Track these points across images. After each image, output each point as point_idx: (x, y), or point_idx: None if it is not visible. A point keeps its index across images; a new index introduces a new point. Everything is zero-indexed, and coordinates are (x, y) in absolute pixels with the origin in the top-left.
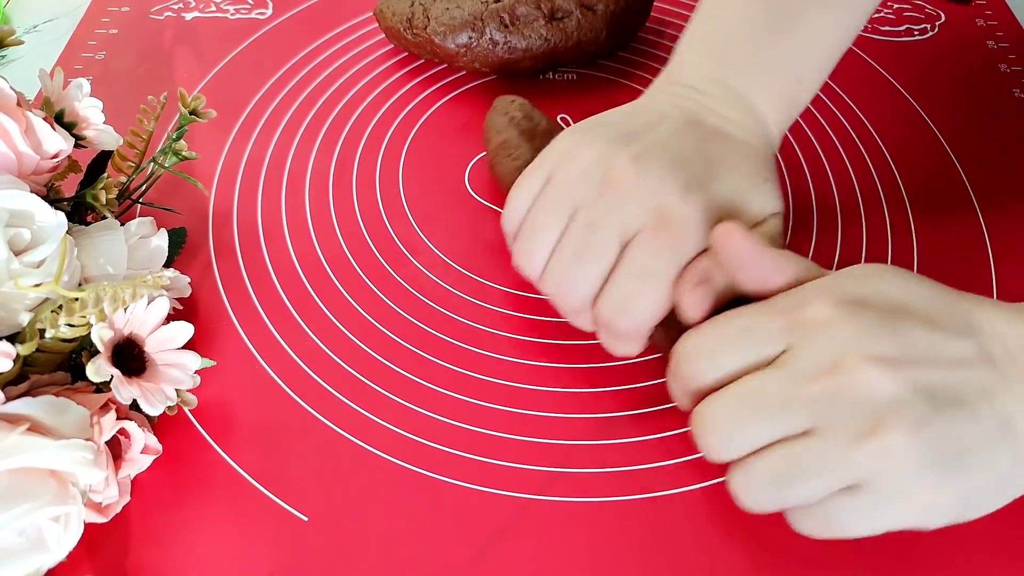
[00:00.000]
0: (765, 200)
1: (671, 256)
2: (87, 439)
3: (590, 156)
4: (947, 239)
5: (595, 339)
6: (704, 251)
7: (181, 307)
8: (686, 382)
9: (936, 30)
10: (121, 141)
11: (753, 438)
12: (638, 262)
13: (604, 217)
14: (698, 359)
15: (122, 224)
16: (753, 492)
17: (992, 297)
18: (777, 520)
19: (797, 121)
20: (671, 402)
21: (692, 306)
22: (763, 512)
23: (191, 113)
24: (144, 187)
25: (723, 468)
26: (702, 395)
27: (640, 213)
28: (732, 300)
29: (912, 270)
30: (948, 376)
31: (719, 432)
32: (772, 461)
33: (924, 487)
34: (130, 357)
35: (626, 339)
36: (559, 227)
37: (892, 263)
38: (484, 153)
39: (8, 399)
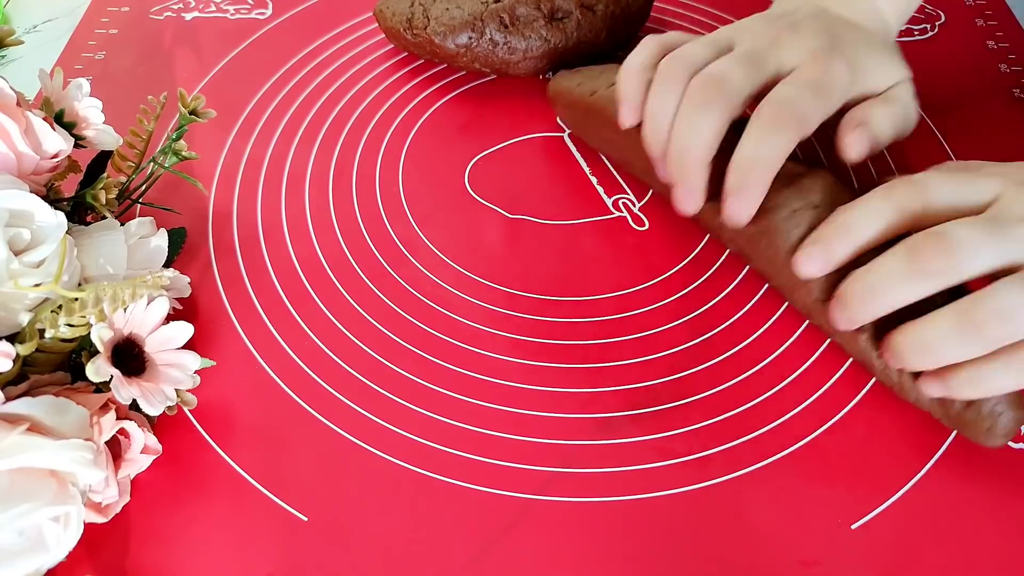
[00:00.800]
0: (897, 69)
1: (823, 88)
2: (87, 439)
3: (751, 26)
4: None
5: (595, 339)
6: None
7: (181, 307)
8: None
9: (936, 30)
10: (121, 141)
11: (986, 257)
12: (803, 74)
13: (766, 49)
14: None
15: (122, 224)
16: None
17: None
18: (777, 520)
19: None
20: (671, 402)
21: (852, 143)
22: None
23: (191, 113)
24: (144, 187)
25: (717, 469)
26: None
27: (798, 54)
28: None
29: None
30: None
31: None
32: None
33: None
34: (130, 357)
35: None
36: (707, 57)
37: None
38: (486, 151)
39: (8, 399)
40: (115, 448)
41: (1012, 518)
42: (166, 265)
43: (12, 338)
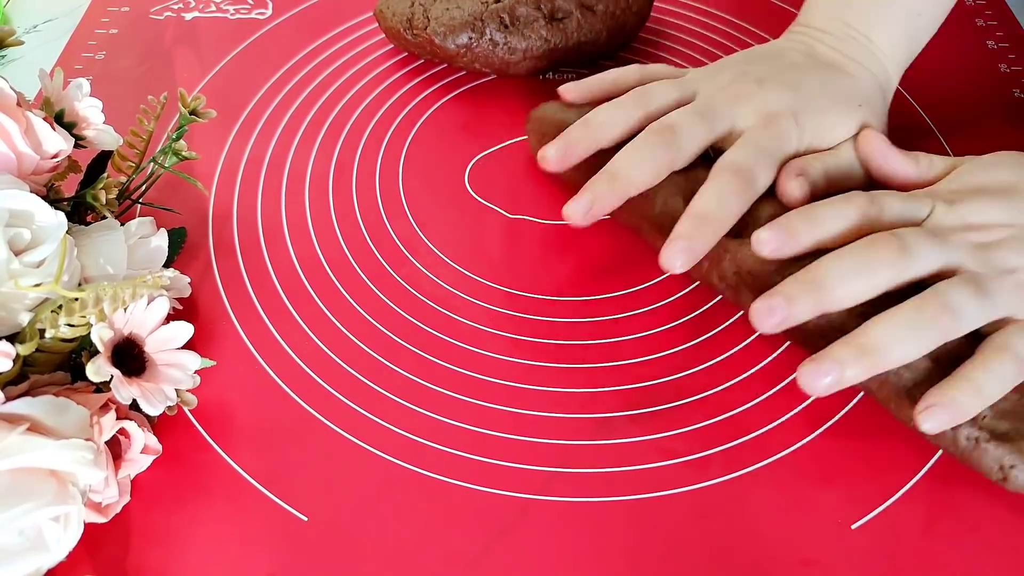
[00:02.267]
0: (857, 124)
1: (775, 142)
2: (87, 439)
3: (721, 75)
4: None
5: (594, 339)
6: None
7: (181, 307)
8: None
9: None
10: (121, 141)
11: (930, 258)
12: (753, 138)
13: (722, 106)
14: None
15: (122, 224)
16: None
17: None
18: (777, 520)
19: None
20: (671, 402)
21: (793, 188)
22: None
23: (191, 113)
24: (144, 187)
25: (717, 468)
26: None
27: (752, 115)
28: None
29: None
30: None
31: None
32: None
33: None
34: (130, 357)
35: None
36: (679, 101)
37: None
38: (486, 151)
39: (8, 399)
40: (115, 448)
41: (1012, 518)
42: (166, 265)
43: (12, 338)
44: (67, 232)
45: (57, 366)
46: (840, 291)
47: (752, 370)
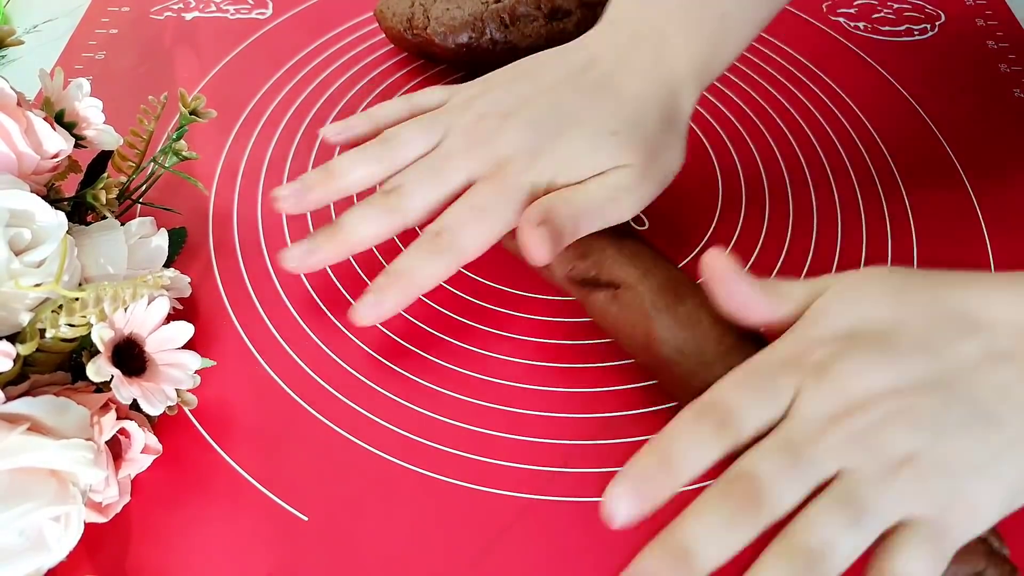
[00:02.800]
0: (609, 154)
1: (497, 195)
2: (87, 439)
3: (477, 107)
4: (947, 239)
5: (595, 339)
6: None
7: (181, 307)
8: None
9: (936, 30)
10: (121, 141)
11: (794, 489)
12: (474, 197)
13: (460, 154)
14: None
15: (122, 224)
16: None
17: None
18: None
19: (797, 120)
20: (671, 402)
21: (536, 244)
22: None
23: (191, 113)
24: (144, 187)
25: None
26: None
27: (487, 161)
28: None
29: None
30: (960, 389)
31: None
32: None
33: (966, 496)
34: (130, 357)
35: (433, 263)
36: (426, 145)
37: (891, 260)
38: None
39: (8, 399)
40: (115, 448)
41: (1012, 518)
42: (166, 265)
43: (12, 338)
44: (67, 232)
45: (57, 366)
46: (706, 560)
47: None
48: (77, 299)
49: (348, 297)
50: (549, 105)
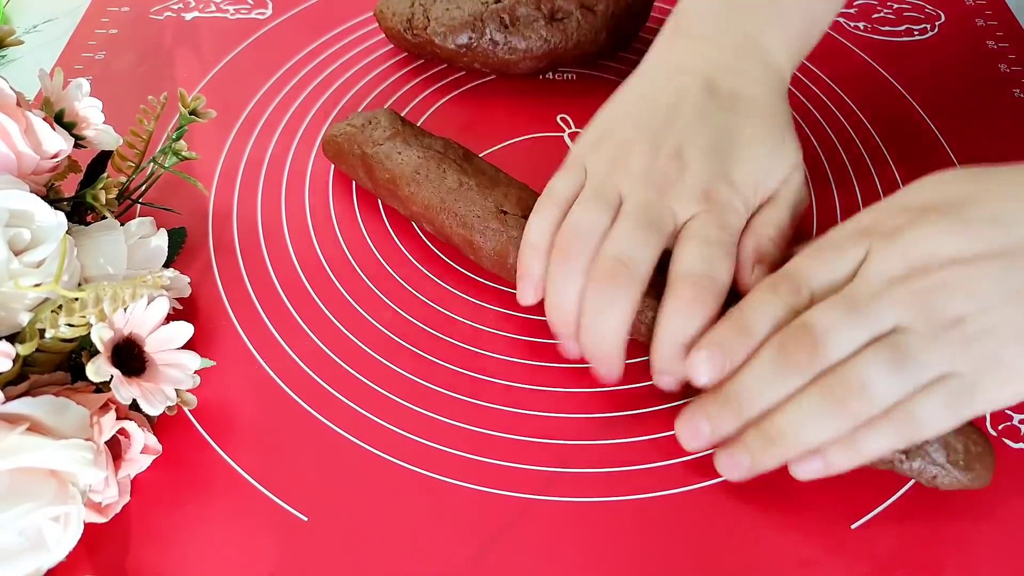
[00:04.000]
0: (785, 159)
1: (725, 229)
2: (87, 439)
3: (634, 163)
4: None
5: None
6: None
7: (181, 307)
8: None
9: (936, 30)
10: (121, 141)
11: (849, 338)
12: (703, 232)
13: (658, 203)
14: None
15: (122, 224)
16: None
17: None
18: (777, 520)
19: (796, 120)
20: (671, 402)
21: (756, 280)
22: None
23: (191, 113)
24: (144, 187)
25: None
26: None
27: (690, 202)
28: None
29: None
30: (1020, 262)
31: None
32: (875, 352)
33: (1002, 362)
34: (130, 357)
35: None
36: (604, 224)
37: None
38: (486, 151)
39: (8, 399)
40: (115, 448)
41: (1012, 517)
42: (166, 265)
43: (12, 338)
44: (67, 232)
45: (57, 366)
46: (759, 404)
47: None
48: (77, 299)
49: (348, 297)
50: (709, 132)
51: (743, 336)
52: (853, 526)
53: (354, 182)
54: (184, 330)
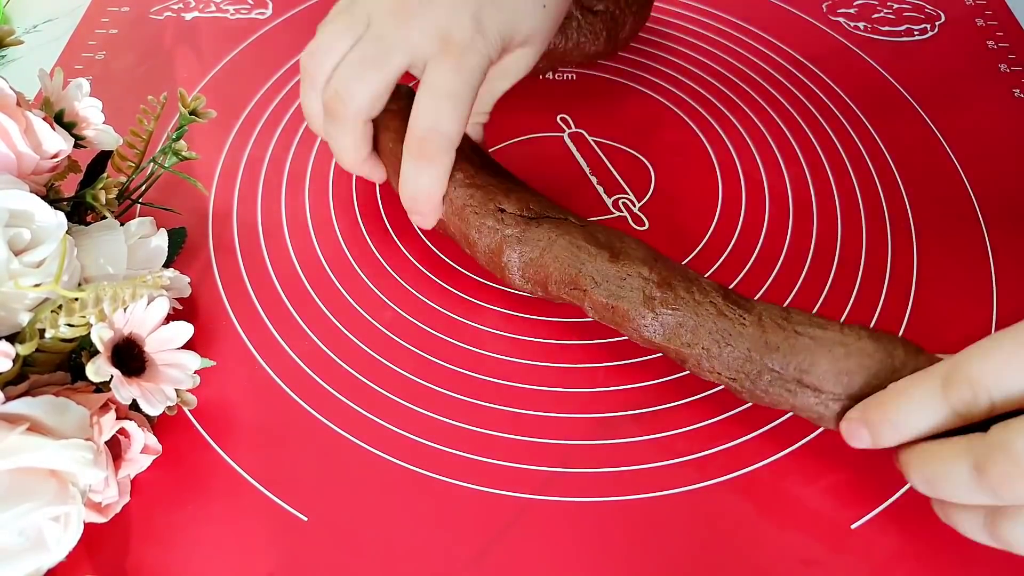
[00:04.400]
0: (534, 23)
1: (460, 74)
2: (87, 439)
3: None
4: (947, 238)
5: (595, 339)
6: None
7: (181, 307)
8: (973, 407)
9: (936, 30)
10: (121, 141)
11: None
12: (431, 82)
13: (392, 34)
14: (996, 383)
15: (122, 224)
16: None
17: (992, 295)
18: (777, 520)
19: (797, 120)
20: (671, 402)
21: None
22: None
23: (191, 113)
24: (144, 187)
25: (717, 468)
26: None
27: (427, 38)
28: None
29: (912, 270)
30: None
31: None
32: None
33: None
34: (130, 357)
35: (425, 189)
36: (351, 39)
37: (891, 261)
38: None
39: (8, 399)
40: (115, 448)
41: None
42: (166, 265)
43: (12, 338)
44: (67, 232)
45: (57, 366)
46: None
47: None
48: (77, 299)
49: (348, 297)
50: None
51: (893, 431)
52: (853, 526)
53: (354, 179)
54: (184, 330)
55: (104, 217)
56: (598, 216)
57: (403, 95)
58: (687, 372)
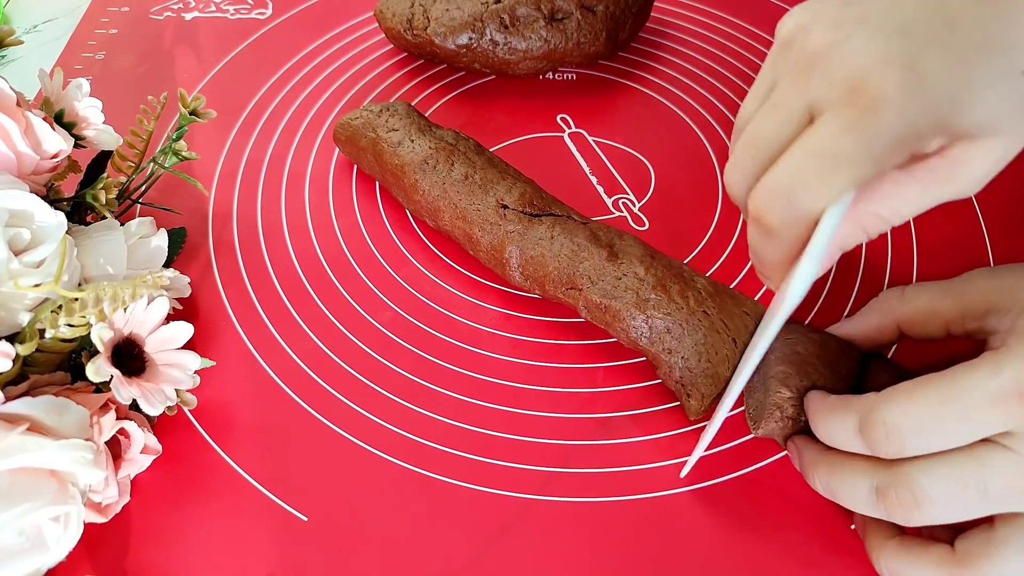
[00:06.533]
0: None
1: (859, 138)
2: (87, 439)
3: (792, 23)
4: (947, 238)
5: (594, 339)
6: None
7: (181, 307)
8: (885, 450)
9: None
10: (121, 141)
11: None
12: (815, 139)
13: (789, 91)
14: (910, 435)
15: (122, 224)
16: None
17: None
18: (777, 520)
19: None
20: (670, 402)
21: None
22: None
23: (191, 113)
24: (144, 187)
25: (717, 468)
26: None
27: (828, 86)
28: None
29: (911, 269)
30: None
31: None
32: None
33: None
34: (130, 357)
35: (776, 242)
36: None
37: (891, 258)
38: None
39: (8, 399)
40: (115, 448)
41: None
42: (166, 265)
43: (12, 338)
44: (67, 232)
45: (57, 366)
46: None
47: None
48: (76, 299)
49: (348, 297)
50: (916, 12)
51: (830, 480)
52: (853, 526)
53: (354, 179)
54: (184, 330)
55: (104, 217)
56: (598, 216)
57: (402, 113)
58: None
